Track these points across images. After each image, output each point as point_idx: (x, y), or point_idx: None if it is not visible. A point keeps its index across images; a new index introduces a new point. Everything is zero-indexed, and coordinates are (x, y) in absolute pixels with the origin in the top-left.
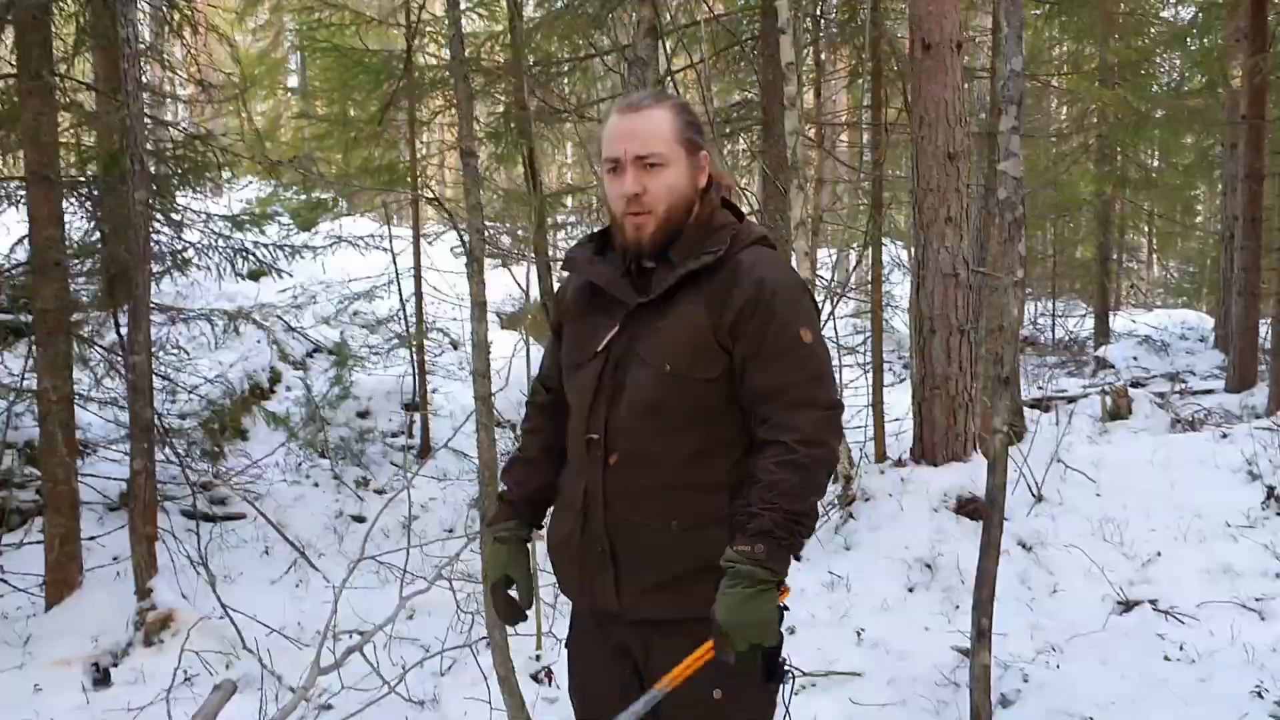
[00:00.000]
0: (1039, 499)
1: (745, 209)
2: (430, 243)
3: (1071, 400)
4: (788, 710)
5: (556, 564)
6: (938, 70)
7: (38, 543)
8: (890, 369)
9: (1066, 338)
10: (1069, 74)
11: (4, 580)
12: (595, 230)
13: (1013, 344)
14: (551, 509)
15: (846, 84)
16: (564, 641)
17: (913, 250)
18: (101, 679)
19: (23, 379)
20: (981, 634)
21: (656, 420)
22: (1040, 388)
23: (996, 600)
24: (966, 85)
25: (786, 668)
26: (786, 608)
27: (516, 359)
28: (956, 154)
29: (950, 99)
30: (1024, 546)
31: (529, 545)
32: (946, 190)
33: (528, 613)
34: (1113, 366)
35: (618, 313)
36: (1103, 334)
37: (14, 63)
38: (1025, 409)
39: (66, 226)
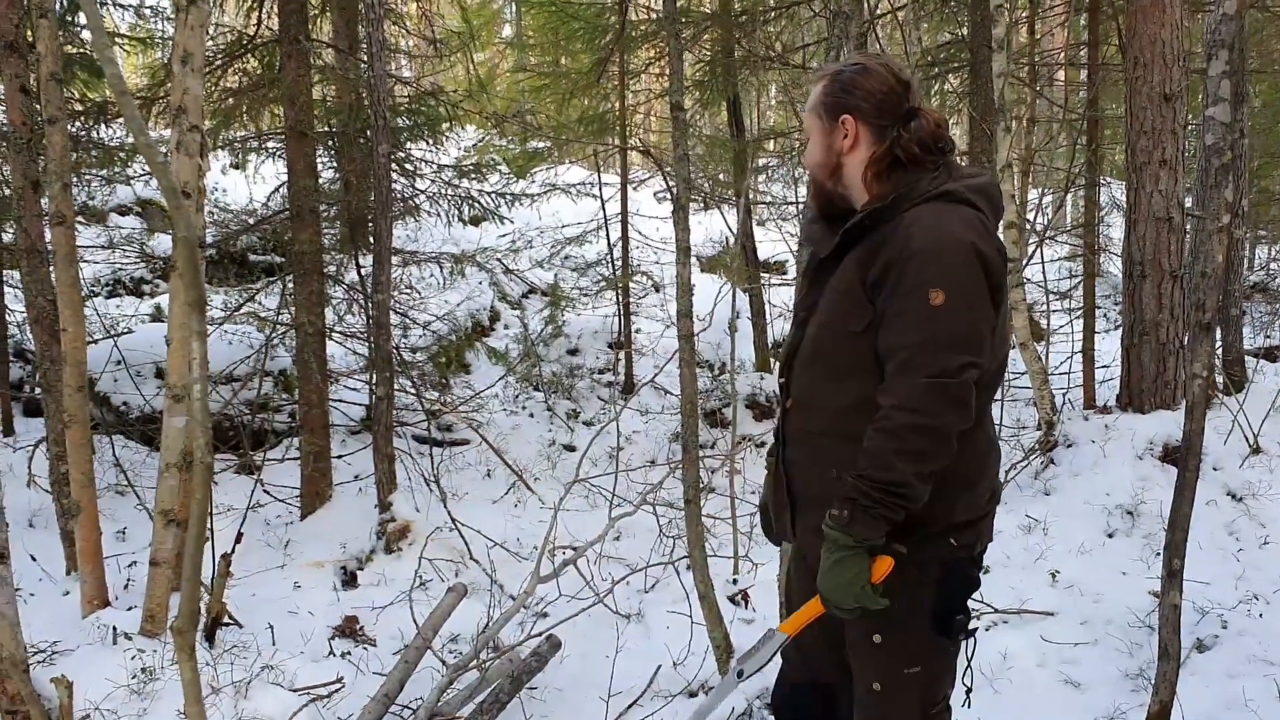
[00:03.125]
0: (1255, 450)
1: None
2: (635, 189)
3: None
4: (970, 664)
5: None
6: (1154, 8)
7: (293, 460)
8: (1104, 315)
9: None
10: None
11: (267, 492)
12: None
13: (1216, 289)
14: None
15: (1062, 21)
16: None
17: (1126, 193)
18: (349, 580)
19: (278, 314)
20: (1172, 574)
21: (818, 369)
22: (1267, 336)
23: (1200, 549)
24: (1188, 23)
25: (971, 626)
26: (979, 562)
27: (720, 303)
28: (1173, 95)
29: (1168, 38)
30: (1234, 497)
31: None
32: (1161, 132)
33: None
34: None
35: (814, 269)
36: None
37: (274, 28)
38: (1248, 358)
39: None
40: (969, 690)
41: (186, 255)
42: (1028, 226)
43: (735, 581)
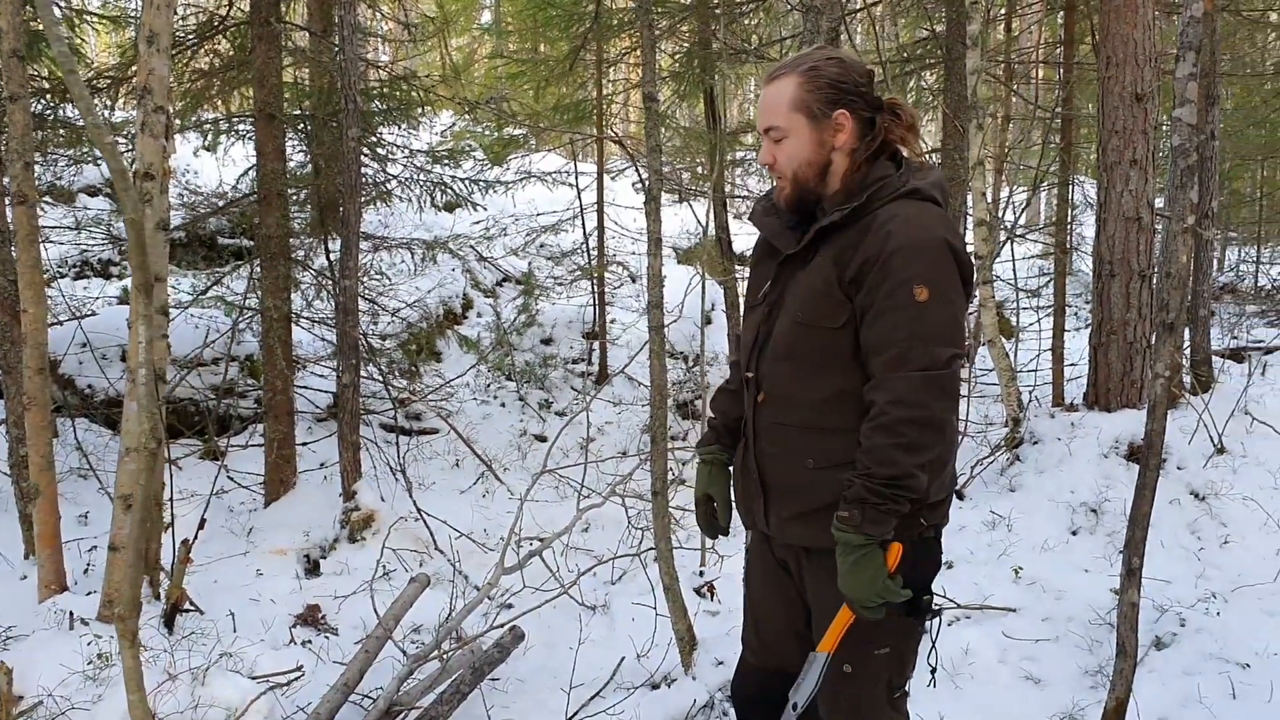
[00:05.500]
0: (1220, 450)
1: (923, 147)
2: (613, 178)
3: (1268, 351)
4: (934, 644)
5: (733, 484)
6: (1127, 8)
7: (258, 446)
8: (1074, 313)
9: (1269, 285)
10: None
11: (230, 478)
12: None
13: (1180, 289)
14: None
15: (1039, 18)
16: (745, 547)
17: (1097, 192)
18: (312, 569)
19: (245, 298)
20: (1131, 572)
21: (792, 365)
22: (1235, 337)
23: (1162, 547)
24: (1163, 24)
25: (934, 606)
26: (941, 543)
27: (691, 294)
28: (1145, 95)
29: (1140, 38)
30: (1197, 496)
31: (729, 468)
32: (1132, 132)
33: (727, 529)
34: None
35: (776, 262)
36: None
37: (245, 9)
38: (1215, 358)
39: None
40: (934, 670)
41: (135, 237)
42: (998, 224)
43: (702, 574)
